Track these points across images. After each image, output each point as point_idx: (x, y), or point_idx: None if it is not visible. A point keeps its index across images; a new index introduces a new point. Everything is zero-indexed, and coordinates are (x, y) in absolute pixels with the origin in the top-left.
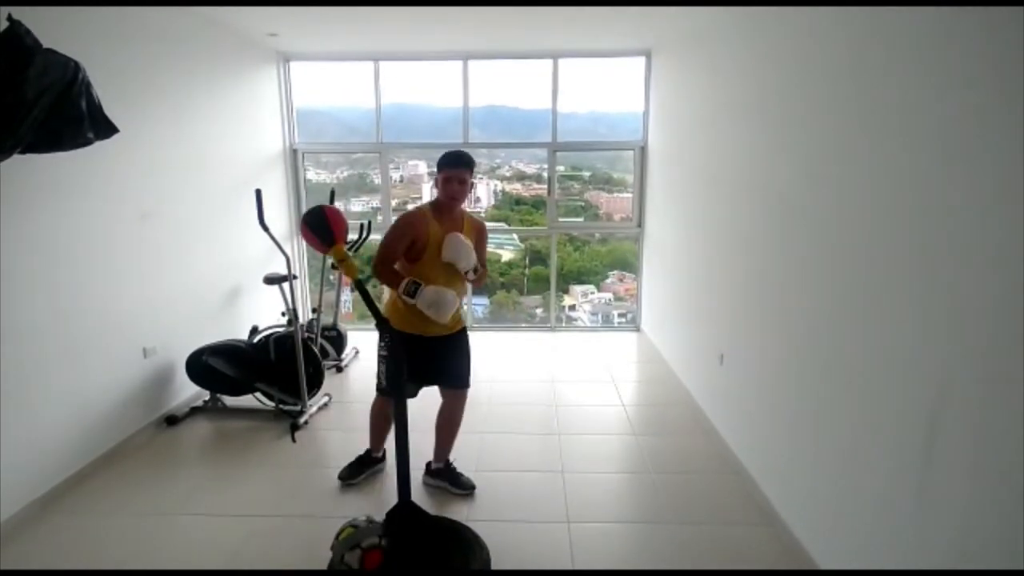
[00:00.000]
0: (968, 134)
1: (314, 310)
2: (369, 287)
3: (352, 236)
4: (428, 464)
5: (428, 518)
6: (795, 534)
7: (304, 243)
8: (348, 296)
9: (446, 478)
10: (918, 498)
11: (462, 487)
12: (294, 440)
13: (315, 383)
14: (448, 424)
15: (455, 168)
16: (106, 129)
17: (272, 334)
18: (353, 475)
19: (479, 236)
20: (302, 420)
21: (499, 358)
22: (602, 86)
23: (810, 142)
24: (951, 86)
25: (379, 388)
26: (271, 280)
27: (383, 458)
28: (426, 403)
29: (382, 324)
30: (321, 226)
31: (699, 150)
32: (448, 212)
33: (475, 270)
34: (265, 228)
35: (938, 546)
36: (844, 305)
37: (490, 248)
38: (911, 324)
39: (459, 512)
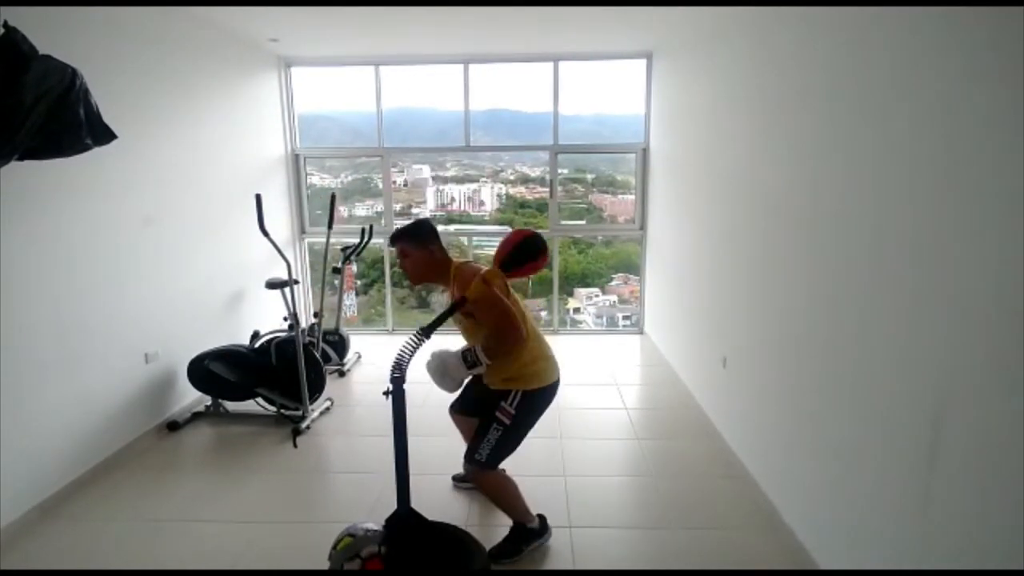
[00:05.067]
0: (969, 137)
1: (316, 314)
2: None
3: (353, 240)
4: None
5: (428, 524)
6: (799, 538)
7: (299, 250)
8: (351, 300)
9: (505, 537)
10: (923, 501)
11: (494, 553)
12: (295, 445)
13: (317, 388)
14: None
15: (393, 247)
16: (104, 135)
17: (274, 339)
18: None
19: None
20: (304, 425)
21: None
22: (605, 88)
23: (811, 144)
24: (953, 88)
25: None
26: (273, 285)
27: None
28: (427, 404)
29: (427, 332)
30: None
31: (700, 152)
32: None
33: (470, 361)
34: (265, 233)
35: (943, 549)
36: (847, 308)
37: (493, 252)
38: (913, 327)
39: (459, 518)
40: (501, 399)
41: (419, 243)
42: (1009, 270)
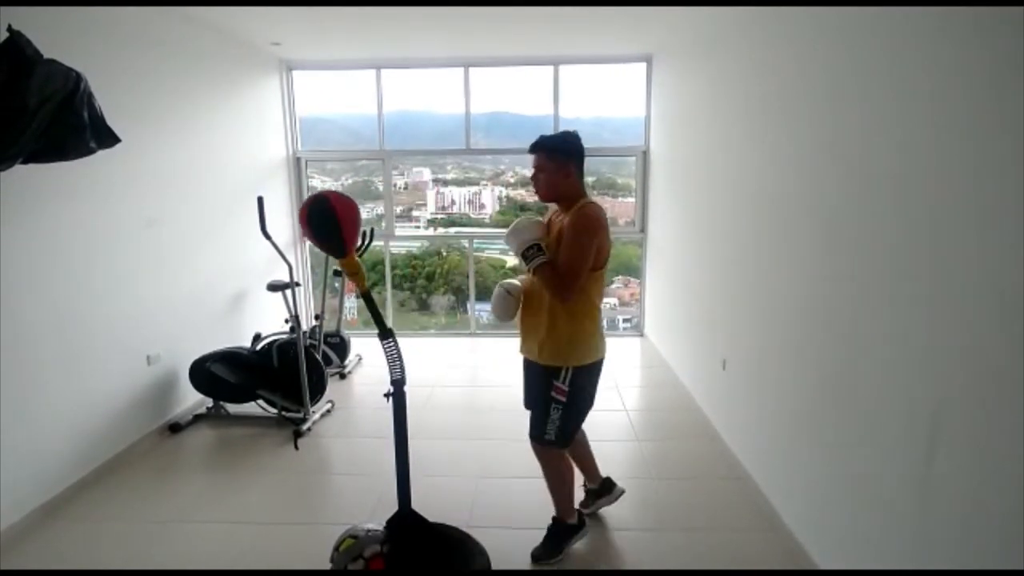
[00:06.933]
0: (967, 138)
1: (317, 317)
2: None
3: None
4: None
5: (428, 525)
6: (798, 539)
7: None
8: (352, 303)
9: (546, 536)
10: (922, 501)
11: (537, 554)
12: (297, 447)
13: (318, 390)
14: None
15: (531, 155)
16: (108, 138)
17: (275, 341)
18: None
19: (565, 227)
20: (305, 427)
21: (502, 364)
22: (606, 91)
23: (810, 147)
24: (953, 88)
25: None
26: (274, 287)
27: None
28: (428, 406)
29: (386, 333)
30: (330, 237)
31: (700, 155)
32: (556, 209)
33: (527, 257)
34: (267, 236)
35: (942, 549)
36: (845, 309)
37: (494, 255)
38: (911, 328)
39: (460, 519)
40: (552, 377)
41: (556, 160)
42: (1007, 270)
